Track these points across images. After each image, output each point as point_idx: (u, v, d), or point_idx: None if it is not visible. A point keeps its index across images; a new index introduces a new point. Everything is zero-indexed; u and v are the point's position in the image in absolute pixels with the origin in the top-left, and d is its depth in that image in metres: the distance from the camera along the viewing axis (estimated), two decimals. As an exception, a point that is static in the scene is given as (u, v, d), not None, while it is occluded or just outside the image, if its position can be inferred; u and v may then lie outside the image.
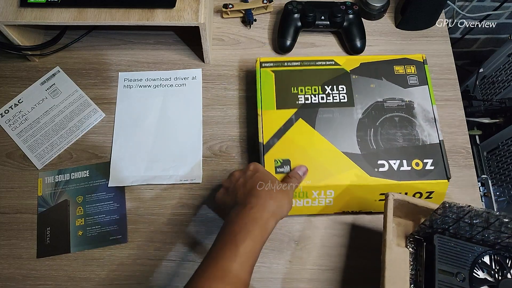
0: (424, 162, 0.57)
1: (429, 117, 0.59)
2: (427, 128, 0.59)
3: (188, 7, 0.60)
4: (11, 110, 0.66)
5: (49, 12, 0.60)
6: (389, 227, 0.47)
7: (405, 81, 0.61)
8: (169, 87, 0.67)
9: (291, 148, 0.57)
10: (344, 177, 0.55)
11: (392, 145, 0.57)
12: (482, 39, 1.23)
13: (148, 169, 0.62)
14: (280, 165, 0.56)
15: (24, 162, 0.63)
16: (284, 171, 0.55)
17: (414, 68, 0.62)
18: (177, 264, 0.57)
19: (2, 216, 0.60)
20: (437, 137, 0.58)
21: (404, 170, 0.56)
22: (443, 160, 0.57)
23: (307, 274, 0.56)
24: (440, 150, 0.57)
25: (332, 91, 0.60)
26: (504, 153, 0.92)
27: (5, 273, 0.57)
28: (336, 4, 0.68)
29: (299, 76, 0.61)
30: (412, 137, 0.58)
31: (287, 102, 0.59)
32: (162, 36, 0.71)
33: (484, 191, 0.95)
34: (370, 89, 0.61)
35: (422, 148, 0.57)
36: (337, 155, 0.57)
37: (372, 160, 0.57)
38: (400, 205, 0.49)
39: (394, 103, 0.60)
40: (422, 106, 0.60)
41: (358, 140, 0.57)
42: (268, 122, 0.58)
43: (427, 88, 0.61)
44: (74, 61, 0.69)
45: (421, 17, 0.70)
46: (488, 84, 1.05)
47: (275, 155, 0.56)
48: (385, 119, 0.59)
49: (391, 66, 0.62)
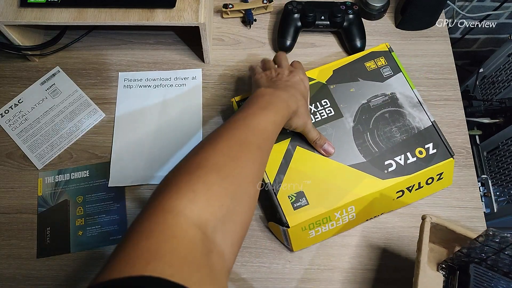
0: (426, 148, 0.57)
1: (414, 103, 0.60)
2: (417, 114, 0.59)
3: (188, 7, 0.60)
4: (11, 110, 0.66)
5: (49, 12, 0.60)
6: (424, 249, 0.45)
7: (380, 75, 0.61)
8: (169, 87, 0.67)
9: (300, 179, 0.55)
10: (360, 190, 0.55)
11: (392, 142, 0.57)
12: (482, 39, 1.23)
13: (148, 169, 0.62)
14: (295, 199, 0.54)
15: (24, 162, 0.63)
16: (301, 205, 0.54)
17: (383, 59, 0.62)
18: (177, 264, 0.57)
19: (2, 216, 0.60)
20: (428, 120, 0.58)
21: (410, 162, 0.56)
22: (442, 140, 0.57)
23: (307, 274, 0.56)
24: (436, 131, 0.58)
25: (317, 108, 0.59)
26: (504, 153, 0.92)
27: (5, 273, 0.57)
28: (336, 4, 0.68)
29: None
30: (407, 128, 0.58)
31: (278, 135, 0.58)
32: (162, 36, 0.71)
33: (484, 191, 0.95)
34: (351, 94, 0.60)
35: (419, 135, 0.58)
36: (346, 170, 0.56)
37: (379, 163, 0.56)
38: (435, 230, 0.47)
39: (378, 100, 0.60)
40: (404, 94, 0.60)
41: (359, 148, 0.57)
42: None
43: (401, 74, 0.61)
44: (74, 61, 0.69)
45: (421, 17, 0.70)
46: (488, 84, 1.05)
47: (286, 192, 0.55)
48: (377, 119, 0.59)
49: (362, 64, 0.62)
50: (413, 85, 0.61)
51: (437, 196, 0.60)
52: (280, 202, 0.54)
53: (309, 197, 0.54)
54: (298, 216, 0.53)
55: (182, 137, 0.64)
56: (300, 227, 0.53)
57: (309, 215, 0.53)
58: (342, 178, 0.56)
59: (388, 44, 0.63)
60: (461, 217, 0.59)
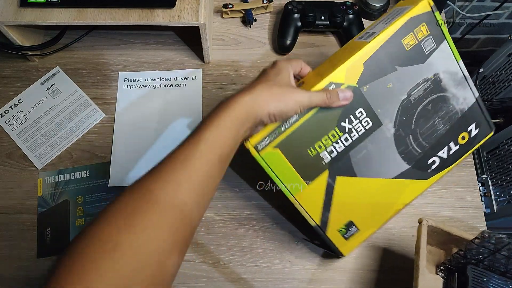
0: (468, 131, 0.51)
1: (459, 79, 0.49)
2: (461, 94, 0.50)
3: (188, 7, 0.60)
4: (11, 110, 0.66)
5: (49, 12, 0.60)
6: (422, 253, 0.45)
7: (422, 53, 0.47)
8: (169, 87, 0.67)
9: (347, 210, 0.50)
10: (406, 197, 0.52)
11: (435, 136, 0.50)
12: (482, 39, 1.23)
13: (148, 169, 0.62)
14: (346, 231, 0.51)
15: (24, 162, 0.63)
16: (352, 233, 0.51)
17: (425, 27, 0.47)
18: (177, 264, 0.57)
19: (2, 216, 0.60)
20: (472, 96, 0.50)
21: (453, 151, 0.51)
22: (484, 115, 0.51)
23: (307, 274, 0.56)
24: (479, 108, 0.51)
25: (351, 123, 0.47)
26: (504, 153, 0.92)
27: (5, 274, 0.57)
28: (336, 4, 0.68)
29: (307, 132, 0.46)
30: (450, 115, 0.50)
31: (313, 170, 0.48)
32: (162, 36, 0.71)
33: (484, 191, 0.95)
34: (388, 91, 0.48)
35: (463, 118, 0.51)
36: (391, 183, 0.51)
37: (422, 165, 0.51)
38: (432, 232, 0.47)
39: (419, 90, 0.48)
40: (448, 72, 0.49)
41: (402, 156, 0.50)
42: (308, 202, 0.49)
43: (446, 43, 0.48)
44: (74, 61, 0.69)
45: (421, 17, 0.70)
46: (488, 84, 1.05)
47: (335, 226, 0.50)
48: (419, 116, 0.49)
49: (399, 43, 0.46)
50: (458, 56, 0.49)
51: (437, 196, 0.60)
52: (332, 238, 0.51)
53: (358, 223, 0.51)
54: (351, 243, 0.52)
55: (182, 137, 0.64)
56: (353, 249, 0.53)
57: (362, 238, 0.52)
58: (388, 192, 0.51)
59: (431, 1, 0.47)
60: (461, 217, 0.59)
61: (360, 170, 0.49)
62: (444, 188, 0.61)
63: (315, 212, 0.49)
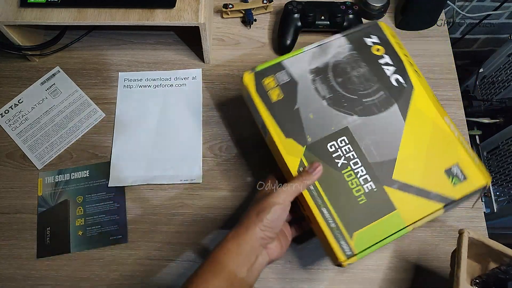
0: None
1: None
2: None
3: (188, 7, 0.60)
4: (11, 110, 0.66)
5: (49, 12, 0.60)
6: (463, 265, 0.44)
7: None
8: (169, 87, 0.67)
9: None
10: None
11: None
12: (482, 39, 1.23)
13: (148, 169, 0.62)
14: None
15: (24, 162, 0.63)
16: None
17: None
18: (177, 264, 0.57)
19: (2, 216, 0.60)
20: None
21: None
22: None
23: (307, 274, 0.56)
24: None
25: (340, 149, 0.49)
26: (504, 153, 0.92)
27: (5, 273, 0.57)
28: (336, 4, 0.68)
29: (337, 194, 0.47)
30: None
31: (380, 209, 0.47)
32: (162, 36, 0.71)
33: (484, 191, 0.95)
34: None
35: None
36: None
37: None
38: (472, 244, 0.46)
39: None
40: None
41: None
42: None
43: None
44: (74, 61, 0.69)
45: (421, 17, 0.70)
46: (488, 84, 1.05)
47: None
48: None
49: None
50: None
51: (437, 196, 0.60)
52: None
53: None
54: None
55: (182, 137, 0.64)
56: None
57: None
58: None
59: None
60: (461, 217, 0.59)
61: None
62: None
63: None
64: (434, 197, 0.47)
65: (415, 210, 0.46)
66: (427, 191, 0.47)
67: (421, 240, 0.58)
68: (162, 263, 0.57)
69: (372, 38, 0.54)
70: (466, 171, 0.48)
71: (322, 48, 0.54)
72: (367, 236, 0.45)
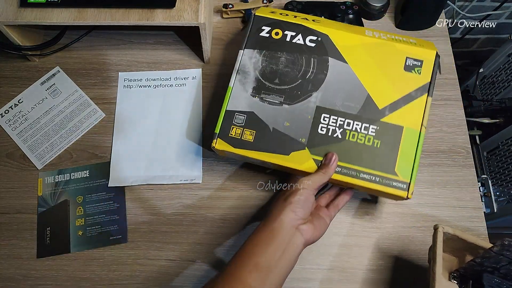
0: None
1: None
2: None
3: (188, 7, 0.60)
4: (11, 110, 0.66)
5: (49, 12, 0.60)
6: (438, 260, 0.45)
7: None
8: (169, 87, 0.67)
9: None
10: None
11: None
12: (482, 39, 1.23)
13: (148, 169, 0.62)
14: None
15: (24, 162, 0.63)
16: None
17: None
18: (177, 264, 0.57)
19: (2, 216, 0.60)
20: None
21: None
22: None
23: (307, 274, 0.56)
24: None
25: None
26: (504, 153, 0.92)
27: (5, 273, 0.57)
28: (336, 4, 0.68)
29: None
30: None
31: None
32: (162, 36, 0.71)
33: (484, 191, 0.95)
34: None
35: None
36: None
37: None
38: (448, 239, 0.47)
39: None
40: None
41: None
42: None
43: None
44: (74, 61, 0.69)
45: (421, 17, 0.70)
46: (488, 84, 1.05)
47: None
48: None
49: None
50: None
51: (437, 196, 0.60)
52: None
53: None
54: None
55: (182, 137, 0.64)
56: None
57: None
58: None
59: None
60: (461, 217, 0.59)
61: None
62: (444, 188, 0.61)
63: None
64: (416, 94, 0.52)
65: (414, 114, 0.51)
66: (407, 94, 0.52)
67: (421, 240, 0.58)
68: (162, 263, 0.57)
69: (264, 29, 0.56)
70: (417, 56, 0.53)
71: (241, 72, 0.55)
72: (404, 163, 0.50)
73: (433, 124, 0.65)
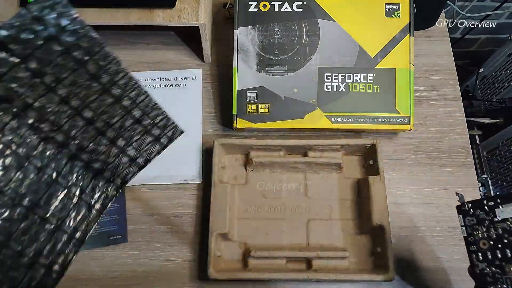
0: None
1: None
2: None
3: (188, 7, 0.60)
4: (11, 110, 0.66)
5: (49, 12, 0.59)
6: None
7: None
8: (169, 87, 0.67)
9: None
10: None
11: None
12: (482, 39, 1.23)
13: (148, 169, 0.62)
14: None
15: (24, 162, 0.63)
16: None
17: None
18: (177, 264, 0.57)
19: (2, 216, 0.60)
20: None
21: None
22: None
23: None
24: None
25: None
26: (504, 153, 0.92)
27: (5, 273, 0.57)
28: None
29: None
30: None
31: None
32: (162, 36, 0.71)
33: (484, 191, 0.95)
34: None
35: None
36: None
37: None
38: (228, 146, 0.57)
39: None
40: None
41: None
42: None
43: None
44: (74, 61, 0.69)
45: (421, 17, 0.70)
46: (488, 84, 1.05)
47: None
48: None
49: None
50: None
51: (437, 196, 0.60)
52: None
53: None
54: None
55: (182, 137, 0.64)
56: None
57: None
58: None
59: None
60: (461, 217, 0.59)
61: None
62: (444, 188, 0.61)
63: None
64: (400, 36, 0.57)
65: (402, 55, 0.57)
66: (393, 38, 0.57)
67: (421, 240, 0.58)
68: (162, 263, 0.57)
69: (251, 4, 0.59)
70: (394, 1, 0.58)
71: (241, 51, 0.60)
72: (402, 100, 0.57)
73: (433, 124, 0.65)
